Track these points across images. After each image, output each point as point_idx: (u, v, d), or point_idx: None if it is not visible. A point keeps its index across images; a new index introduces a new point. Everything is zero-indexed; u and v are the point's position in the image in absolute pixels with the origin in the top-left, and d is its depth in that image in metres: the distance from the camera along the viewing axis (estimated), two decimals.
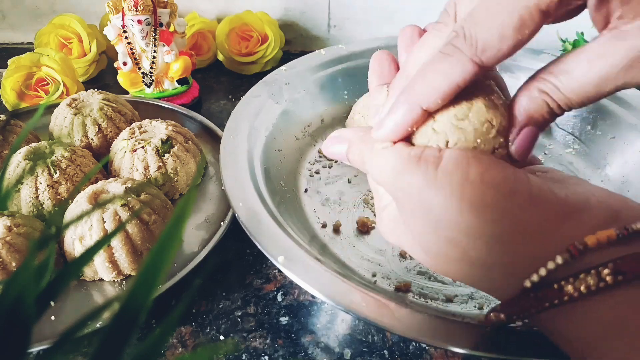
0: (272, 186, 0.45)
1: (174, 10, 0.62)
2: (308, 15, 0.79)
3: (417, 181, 0.24)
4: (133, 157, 0.48)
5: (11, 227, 0.40)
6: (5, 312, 0.13)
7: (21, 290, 0.13)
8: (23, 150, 0.47)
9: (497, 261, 0.23)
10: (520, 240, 0.23)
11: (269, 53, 0.73)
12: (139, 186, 0.44)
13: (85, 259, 0.16)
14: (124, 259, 0.41)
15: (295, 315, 0.41)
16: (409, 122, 0.24)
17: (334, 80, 0.59)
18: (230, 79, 0.75)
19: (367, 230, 0.46)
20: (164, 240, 0.13)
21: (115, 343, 0.13)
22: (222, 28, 0.74)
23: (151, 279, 0.13)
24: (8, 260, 0.38)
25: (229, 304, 0.42)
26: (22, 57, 0.62)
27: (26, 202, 0.45)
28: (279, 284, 0.44)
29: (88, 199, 0.42)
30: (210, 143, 0.57)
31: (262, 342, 0.39)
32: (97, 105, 0.54)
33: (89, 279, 0.42)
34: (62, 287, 0.15)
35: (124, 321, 0.13)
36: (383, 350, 0.38)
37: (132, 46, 0.61)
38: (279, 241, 0.36)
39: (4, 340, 0.13)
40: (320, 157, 0.55)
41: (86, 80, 0.73)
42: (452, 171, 0.23)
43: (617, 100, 0.53)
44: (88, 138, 0.53)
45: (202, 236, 0.46)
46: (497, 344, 0.29)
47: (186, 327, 0.40)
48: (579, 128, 0.56)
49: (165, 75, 0.64)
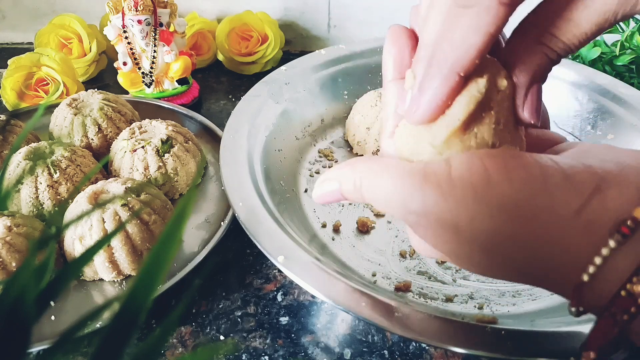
0: (272, 186, 0.45)
1: (174, 10, 0.62)
2: (308, 15, 0.79)
3: (430, 199, 0.21)
4: (133, 157, 0.48)
5: (11, 227, 0.40)
6: (5, 312, 0.13)
7: (21, 290, 0.13)
8: (23, 150, 0.47)
9: (545, 257, 0.21)
10: (562, 222, 0.20)
11: (269, 53, 0.73)
12: (139, 186, 0.44)
13: (85, 259, 0.16)
14: (124, 259, 0.41)
15: (295, 315, 0.41)
16: (447, 93, 0.22)
17: (334, 80, 0.59)
18: (230, 79, 0.75)
19: (367, 230, 0.46)
20: (164, 240, 0.13)
21: (115, 343, 0.13)
22: (222, 28, 0.74)
23: (151, 279, 0.13)
24: (8, 260, 0.38)
25: (229, 304, 0.42)
26: (22, 57, 0.62)
27: (26, 202, 0.45)
28: (279, 284, 0.44)
29: (88, 199, 0.42)
30: (210, 143, 0.57)
31: (262, 342, 0.39)
32: (97, 105, 0.54)
33: (89, 279, 0.42)
34: (62, 287, 0.15)
35: (124, 321, 0.13)
36: (383, 350, 0.38)
37: (132, 46, 0.61)
38: (279, 241, 0.36)
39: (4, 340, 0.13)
40: (320, 157, 0.55)
41: (86, 80, 0.73)
42: (468, 177, 0.21)
43: (617, 100, 0.53)
44: (88, 138, 0.53)
45: (202, 236, 0.46)
46: (497, 343, 0.29)
47: (186, 327, 0.40)
48: (579, 128, 0.56)
49: (165, 75, 0.64)
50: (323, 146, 0.56)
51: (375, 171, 0.23)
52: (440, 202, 0.21)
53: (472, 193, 0.21)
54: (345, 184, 0.25)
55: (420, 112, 0.22)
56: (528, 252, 0.21)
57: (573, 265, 0.20)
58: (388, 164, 0.23)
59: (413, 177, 0.22)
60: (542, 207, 0.20)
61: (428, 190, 0.21)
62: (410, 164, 0.22)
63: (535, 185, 0.20)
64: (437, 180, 0.21)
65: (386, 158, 0.24)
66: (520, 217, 0.20)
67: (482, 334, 0.30)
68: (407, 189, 0.22)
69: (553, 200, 0.20)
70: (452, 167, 0.21)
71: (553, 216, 0.20)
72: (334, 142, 0.57)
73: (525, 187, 0.20)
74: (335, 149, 0.56)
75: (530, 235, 0.20)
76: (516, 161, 0.21)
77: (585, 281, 0.20)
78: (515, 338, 0.29)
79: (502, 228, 0.21)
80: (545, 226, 0.20)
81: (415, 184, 0.21)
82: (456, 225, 0.21)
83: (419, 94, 0.22)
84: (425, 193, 0.21)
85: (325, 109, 0.58)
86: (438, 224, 0.22)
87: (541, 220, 0.20)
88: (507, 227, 0.20)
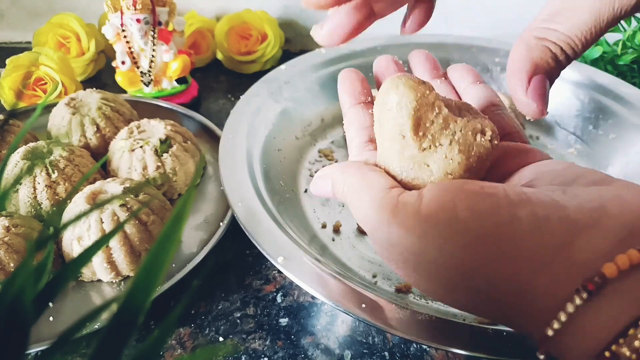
0: (271, 186, 0.45)
1: (173, 9, 0.62)
2: (308, 13, 0.79)
3: (394, 235, 0.22)
4: (131, 157, 0.48)
5: (9, 228, 0.40)
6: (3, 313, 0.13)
7: (19, 291, 0.13)
8: (21, 150, 0.47)
9: (510, 301, 0.20)
10: (529, 273, 0.20)
11: (268, 52, 0.73)
12: (138, 186, 0.44)
13: (83, 259, 0.16)
14: (122, 259, 0.40)
15: (295, 317, 0.41)
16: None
17: (334, 79, 0.58)
18: (229, 78, 0.75)
19: None
20: (162, 241, 0.13)
21: (113, 344, 0.13)
22: (221, 27, 0.73)
23: (150, 280, 0.13)
24: (6, 260, 0.38)
25: (228, 305, 0.42)
26: (21, 57, 0.62)
27: (24, 202, 0.44)
28: (278, 284, 0.44)
29: (86, 199, 0.42)
30: (210, 143, 0.57)
31: (261, 344, 0.39)
32: (96, 104, 0.53)
33: (87, 280, 0.42)
34: (61, 287, 0.15)
35: (122, 322, 0.13)
36: (384, 352, 0.38)
37: (131, 45, 0.61)
38: (279, 242, 0.36)
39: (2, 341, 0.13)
40: (320, 157, 0.55)
41: (84, 79, 0.73)
42: (435, 213, 0.21)
43: (619, 100, 0.53)
44: (86, 138, 0.52)
45: (201, 237, 0.46)
46: (499, 345, 0.29)
47: (185, 328, 0.40)
48: (581, 128, 0.56)
49: (163, 74, 0.64)
50: (323, 146, 0.56)
51: (358, 188, 0.24)
52: (403, 238, 0.21)
53: (436, 232, 0.21)
54: (335, 186, 0.26)
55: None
56: (493, 294, 0.21)
57: (537, 317, 0.20)
58: (371, 183, 0.24)
59: (383, 209, 0.22)
60: (508, 254, 0.20)
61: (394, 226, 0.22)
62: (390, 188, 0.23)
63: (504, 230, 0.20)
64: (405, 215, 0.21)
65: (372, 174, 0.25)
66: (485, 259, 0.20)
67: (483, 335, 0.30)
68: (377, 219, 0.22)
69: (520, 250, 0.20)
70: (423, 202, 0.21)
71: (519, 264, 0.20)
72: (334, 141, 0.57)
73: (494, 230, 0.20)
74: (335, 148, 0.56)
75: (494, 278, 0.20)
76: (488, 201, 0.20)
77: (549, 335, 0.19)
78: (516, 340, 0.29)
79: (466, 266, 0.20)
80: (510, 273, 0.20)
81: (384, 217, 0.22)
82: (418, 262, 0.21)
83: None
84: (390, 229, 0.22)
85: (326, 108, 0.58)
86: (400, 258, 0.22)
87: (507, 267, 0.20)
88: (471, 264, 0.20)
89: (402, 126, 0.24)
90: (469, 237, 0.20)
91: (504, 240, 0.20)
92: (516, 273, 0.20)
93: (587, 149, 0.54)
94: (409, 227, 0.21)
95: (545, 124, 0.58)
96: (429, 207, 0.21)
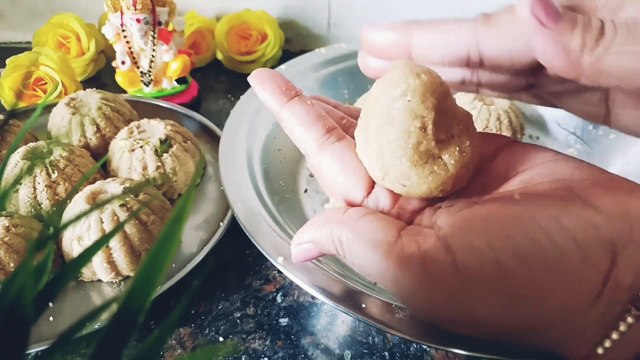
0: (271, 186, 0.45)
1: (173, 9, 0.62)
2: (308, 13, 0.79)
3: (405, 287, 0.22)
4: (131, 157, 0.48)
5: (9, 228, 0.40)
6: (3, 313, 0.13)
7: (19, 291, 0.13)
8: (21, 150, 0.47)
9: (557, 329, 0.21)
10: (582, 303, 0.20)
11: (268, 52, 0.73)
12: (138, 186, 0.44)
13: (83, 259, 0.16)
14: (122, 259, 0.40)
15: (295, 317, 0.41)
16: None
17: (334, 79, 0.59)
18: (229, 78, 0.75)
19: None
20: (162, 241, 0.13)
21: (113, 344, 0.13)
22: (221, 27, 0.73)
23: (150, 280, 0.13)
24: (6, 260, 0.38)
25: (228, 305, 0.42)
26: (21, 57, 0.62)
27: (24, 202, 0.44)
28: (278, 284, 0.44)
29: (86, 199, 0.42)
30: (210, 143, 0.57)
31: (261, 344, 0.39)
32: (96, 104, 0.53)
33: (87, 280, 0.42)
34: (61, 287, 0.15)
35: (122, 322, 0.13)
36: (384, 352, 0.38)
37: (131, 45, 0.61)
38: (279, 241, 0.36)
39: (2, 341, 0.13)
40: None
41: (84, 79, 0.73)
42: (475, 265, 0.20)
43: None
44: (86, 138, 0.52)
45: (201, 237, 0.46)
46: (499, 345, 0.29)
47: (185, 328, 0.40)
48: (581, 128, 0.55)
49: (163, 74, 0.64)
50: None
51: (350, 242, 0.23)
52: (450, 305, 0.21)
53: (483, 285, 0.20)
54: (324, 246, 0.25)
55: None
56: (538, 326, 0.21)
57: (587, 339, 0.20)
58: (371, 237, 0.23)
59: (410, 271, 0.21)
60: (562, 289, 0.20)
61: (435, 293, 0.21)
62: (400, 247, 0.22)
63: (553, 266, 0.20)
64: (440, 277, 0.21)
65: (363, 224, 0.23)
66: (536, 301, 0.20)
67: None
68: (407, 287, 0.22)
69: (571, 282, 0.20)
70: (455, 253, 0.21)
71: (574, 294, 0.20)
72: None
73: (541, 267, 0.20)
74: None
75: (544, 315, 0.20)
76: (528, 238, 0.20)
77: (599, 354, 0.20)
78: None
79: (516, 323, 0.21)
80: (562, 305, 0.20)
81: (415, 282, 0.21)
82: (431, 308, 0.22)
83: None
84: (431, 295, 0.21)
85: None
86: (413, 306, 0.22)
87: (558, 300, 0.20)
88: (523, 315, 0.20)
89: (423, 118, 0.22)
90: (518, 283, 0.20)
91: (556, 274, 0.20)
92: (569, 304, 0.20)
93: (587, 149, 0.54)
94: (452, 291, 0.21)
95: (545, 124, 0.58)
96: (464, 260, 0.20)
